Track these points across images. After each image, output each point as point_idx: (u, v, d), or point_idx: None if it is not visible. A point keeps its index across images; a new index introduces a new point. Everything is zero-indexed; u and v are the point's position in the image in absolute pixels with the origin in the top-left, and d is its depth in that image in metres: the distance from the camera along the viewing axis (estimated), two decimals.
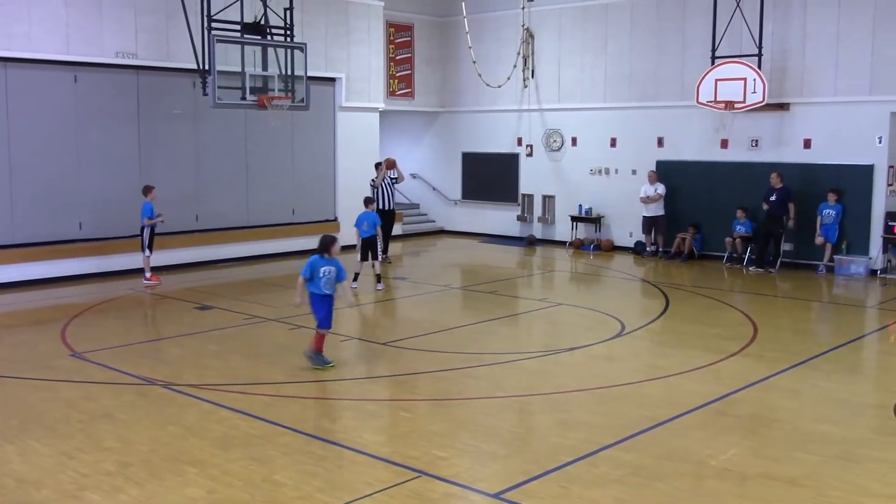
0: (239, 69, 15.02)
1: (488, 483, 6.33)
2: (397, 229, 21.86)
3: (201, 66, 14.93)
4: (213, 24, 14.84)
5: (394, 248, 20.65)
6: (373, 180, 17.80)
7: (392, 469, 6.57)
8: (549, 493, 6.10)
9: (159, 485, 6.26)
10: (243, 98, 15.02)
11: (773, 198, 16.50)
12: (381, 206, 16.90)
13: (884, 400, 8.42)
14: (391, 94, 21.43)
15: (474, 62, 20.74)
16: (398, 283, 15.97)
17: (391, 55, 21.41)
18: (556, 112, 20.58)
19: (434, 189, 23.32)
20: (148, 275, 14.90)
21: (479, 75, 20.89)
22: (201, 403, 8.18)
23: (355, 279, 14.18)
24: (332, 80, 19.19)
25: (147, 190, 14.78)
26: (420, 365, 9.77)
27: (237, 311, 12.51)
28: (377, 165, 18.18)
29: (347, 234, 19.48)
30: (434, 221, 23.28)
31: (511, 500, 5.98)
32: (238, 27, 15.12)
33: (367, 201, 14.93)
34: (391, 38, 21.35)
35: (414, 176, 23.65)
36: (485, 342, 11.04)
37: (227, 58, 14.94)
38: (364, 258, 14.42)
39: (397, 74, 21.71)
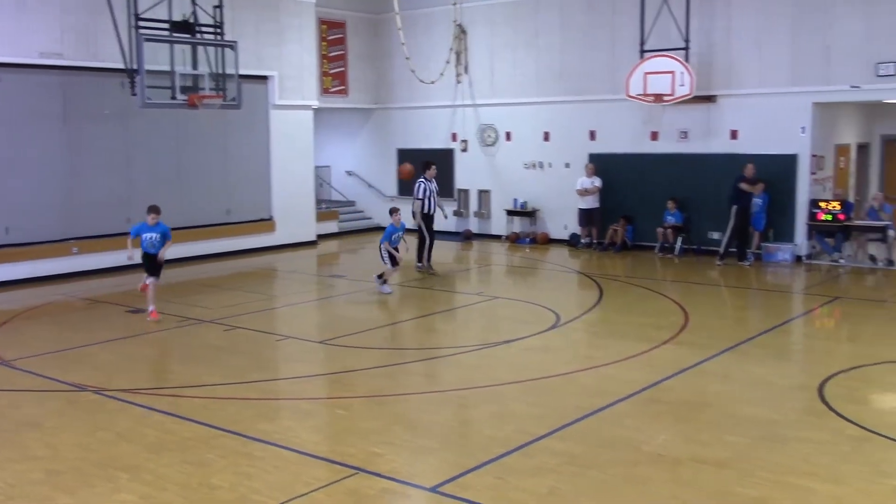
0: (168, 68, 14.77)
1: (425, 477, 6.37)
2: (332, 227, 21.81)
3: (129, 66, 14.65)
4: (141, 23, 14.55)
5: (329, 245, 20.59)
6: (424, 181, 16.15)
7: (329, 467, 6.57)
8: (484, 484, 6.17)
9: (90, 492, 6.16)
10: (173, 98, 14.76)
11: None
12: (426, 210, 16.01)
13: (809, 382, 8.67)
14: (325, 91, 21.31)
15: (407, 58, 20.74)
16: (335, 280, 15.92)
17: (324, 52, 21.28)
18: (490, 107, 20.71)
19: (370, 186, 23.26)
20: (151, 307, 12.14)
21: (413, 72, 20.90)
22: (133, 408, 8.06)
23: (384, 282, 13.94)
24: (265, 78, 19.01)
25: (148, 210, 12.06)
26: (357, 362, 9.76)
27: (171, 313, 12.33)
28: (426, 165, 16.40)
29: (283, 234, 19.44)
30: (371, 218, 23.22)
31: (447, 493, 6.03)
32: (166, 25, 14.88)
33: (392, 211, 14.34)
34: (324, 35, 21.23)
35: (349, 173, 23.59)
36: (422, 338, 11.08)
37: (156, 57, 14.67)
38: (395, 263, 13.99)
39: (331, 72, 21.59)
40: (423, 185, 15.91)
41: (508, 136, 20.54)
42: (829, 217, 16.36)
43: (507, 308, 13.07)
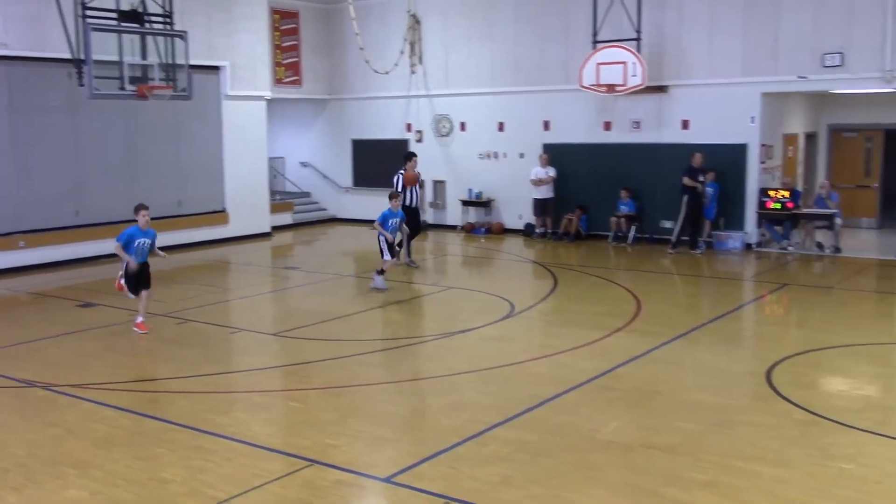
0: (117, 58, 14.52)
1: (379, 468, 6.38)
2: (287, 219, 21.66)
3: (76, 56, 14.38)
4: (88, 12, 14.29)
5: (283, 237, 20.45)
6: (402, 173, 15.72)
7: (283, 459, 6.54)
8: (438, 474, 6.19)
9: (38, 489, 6.07)
10: (122, 88, 14.53)
11: (701, 177, 16.86)
12: (407, 203, 15.47)
13: (758, 368, 8.82)
14: (278, 81, 21.12)
15: (361, 49, 20.63)
16: (290, 272, 15.82)
17: (277, 42, 21.09)
18: (445, 98, 20.70)
19: (325, 177, 23.14)
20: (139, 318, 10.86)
21: (367, 62, 20.80)
22: (83, 403, 7.94)
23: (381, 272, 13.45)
24: (217, 68, 18.78)
25: (136, 210, 10.71)
26: (311, 354, 9.72)
27: (122, 307, 12.15)
28: (408, 156, 16.09)
29: (237, 226, 19.26)
30: (326, 210, 23.12)
31: (401, 483, 6.05)
32: (114, 14, 14.61)
33: (394, 195, 13.82)
34: (276, 25, 21.02)
35: (304, 164, 23.44)
36: (377, 329, 11.07)
37: (105, 46, 14.41)
38: (393, 255, 13.56)
39: (284, 62, 21.41)
40: (401, 178, 15.58)
41: (463, 126, 20.57)
42: (778, 205, 16.65)
43: (462, 298, 13.11)
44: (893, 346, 10.21)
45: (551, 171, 18.65)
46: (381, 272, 13.33)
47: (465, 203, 20.49)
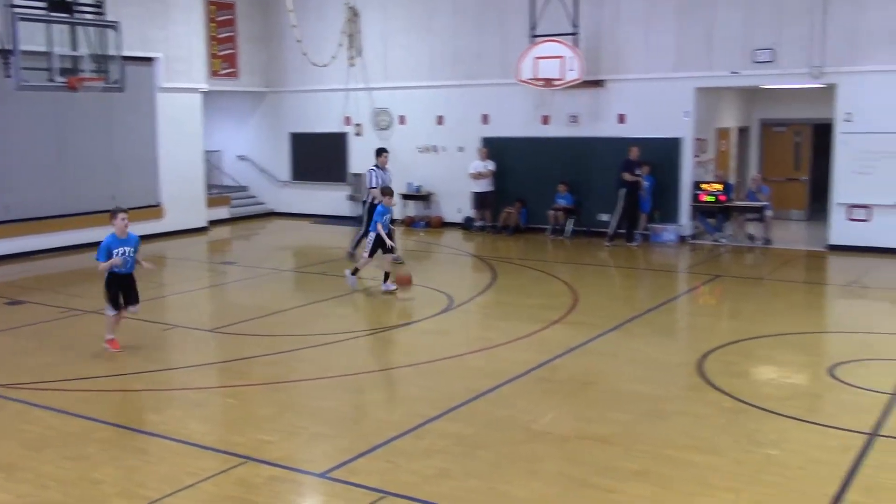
0: (46, 49, 14.16)
1: (315, 463, 6.36)
2: (224, 213, 21.39)
3: (3, 47, 13.99)
4: (15, 1, 13.91)
5: (221, 231, 20.19)
6: (376, 168, 14.97)
7: (217, 457, 6.48)
8: (375, 468, 6.20)
9: None
10: (51, 80, 14.21)
11: (638, 171, 17.03)
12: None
13: (690, 358, 9.00)
14: (214, 74, 20.80)
15: (299, 41, 20.44)
16: (226, 268, 15.63)
17: (213, 34, 20.75)
18: (384, 91, 20.63)
19: (262, 171, 22.89)
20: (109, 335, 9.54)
21: (305, 54, 20.61)
22: (12, 404, 7.75)
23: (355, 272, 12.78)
24: (150, 59, 18.43)
25: (112, 215, 9.31)
26: (248, 350, 9.62)
27: (52, 304, 11.89)
28: (379, 152, 15.33)
29: (172, 221, 18.94)
30: (264, 203, 22.87)
31: (337, 478, 6.04)
32: (43, 4, 14.24)
33: (386, 191, 12.78)
34: (212, 16, 20.68)
35: (241, 158, 23.15)
36: (315, 323, 11.00)
37: (33, 37, 14.05)
38: (372, 255, 12.62)
39: (220, 54, 21.08)
40: (374, 174, 14.94)
41: (402, 119, 20.53)
42: (712, 198, 16.99)
43: (401, 292, 13.09)
44: (820, 335, 10.53)
45: (490, 165, 18.73)
46: (356, 271, 12.80)
47: (405, 197, 20.46)
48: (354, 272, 12.78)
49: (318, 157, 21.88)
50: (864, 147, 15.49)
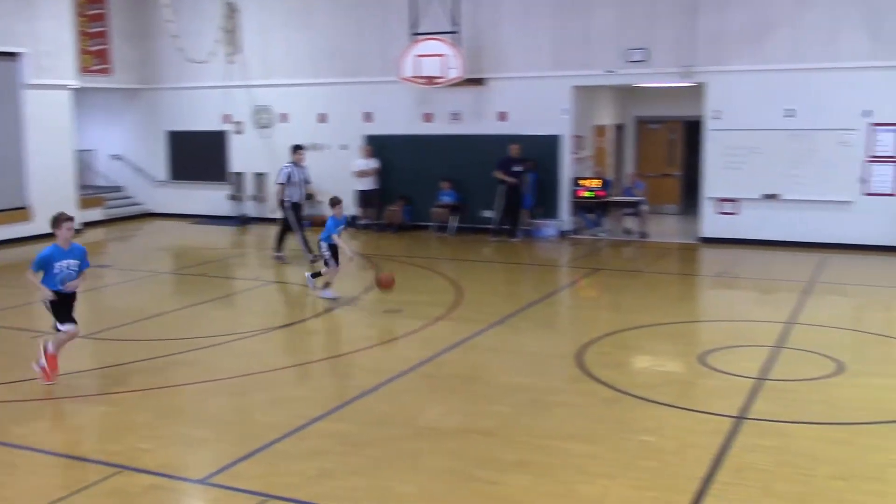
0: None
1: (195, 469, 6.22)
2: (98, 214, 20.62)
3: None
4: None
5: (95, 233, 19.46)
6: (291, 165, 14.89)
7: (91, 468, 6.25)
8: (256, 472, 6.10)
9: None
10: None
11: (517, 168, 17.25)
12: (297, 200, 14.83)
13: (569, 350, 9.21)
14: (85, 70, 20.00)
15: (175, 36, 19.89)
16: (101, 271, 15.07)
17: (83, 28, 19.95)
18: (265, 88, 20.30)
19: (138, 170, 22.17)
20: (43, 360, 8.23)
21: (182, 50, 20.07)
22: None
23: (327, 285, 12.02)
24: (15, 55, 17.57)
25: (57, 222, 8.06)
26: (126, 356, 9.31)
27: None
28: (295, 149, 15.24)
29: (42, 223, 18.07)
30: (140, 204, 22.16)
31: (218, 483, 5.92)
32: None
33: (335, 202, 12.18)
34: (82, 10, 19.88)
35: (116, 157, 22.37)
36: (196, 326, 10.75)
37: None
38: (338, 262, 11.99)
39: (91, 49, 20.29)
40: (287, 171, 14.66)
41: (284, 117, 20.26)
42: (590, 194, 17.45)
43: (284, 292, 12.96)
44: (692, 324, 10.96)
45: (374, 163, 18.70)
46: (319, 278, 12.15)
47: None
48: (315, 275, 12.21)
49: (197, 155, 21.34)
50: (731, 143, 16.21)
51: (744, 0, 15.85)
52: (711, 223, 16.66)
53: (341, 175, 19.11)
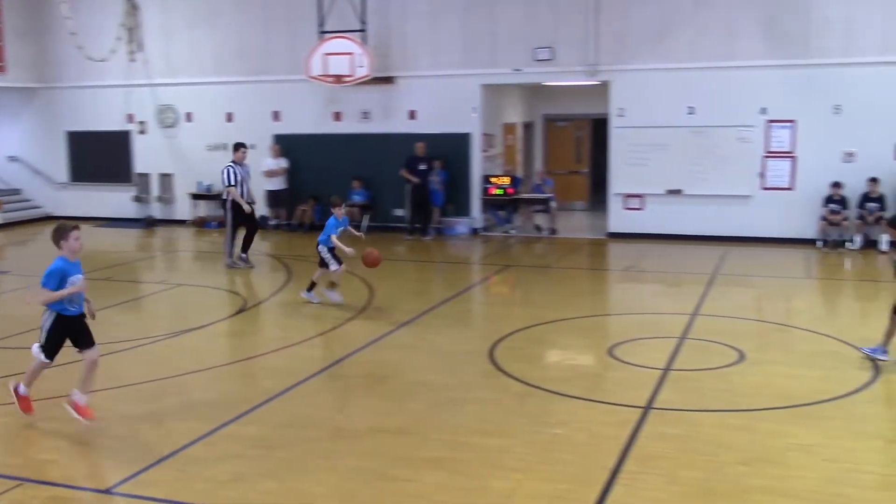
0: None
1: (100, 479, 6.06)
2: None
3: None
4: None
5: None
6: (233, 164, 14.35)
7: None
8: (165, 479, 5.96)
9: None
10: None
11: (423, 167, 17.29)
12: (246, 199, 14.29)
13: (482, 346, 9.28)
14: None
15: (73, 34, 19.27)
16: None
17: None
18: (169, 87, 19.86)
19: (37, 172, 21.40)
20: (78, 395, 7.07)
21: (80, 48, 19.46)
22: None
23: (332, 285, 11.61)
24: None
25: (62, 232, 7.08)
26: (26, 365, 8.95)
27: None
28: (237, 147, 14.67)
29: None
30: (40, 207, 21.41)
31: (124, 493, 5.76)
32: None
33: (336, 202, 11.84)
34: None
35: (13, 159, 21.55)
36: (101, 332, 10.35)
37: None
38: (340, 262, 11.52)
39: None
40: (232, 170, 14.20)
41: (189, 117, 19.85)
42: (500, 191, 17.64)
43: (193, 295, 12.69)
44: (601, 317, 11.20)
45: (283, 162, 18.50)
46: (333, 284, 11.64)
47: (195, 197, 19.82)
48: (311, 287, 11.62)
49: (100, 156, 20.74)
50: (636, 140, 16.60)
51: (645, 1, 16.25)
52: (619, 219, 17.03)
53: (251, 174, 18.81)
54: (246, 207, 14.11)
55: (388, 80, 17.87)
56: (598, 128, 19.76)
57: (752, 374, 8.25)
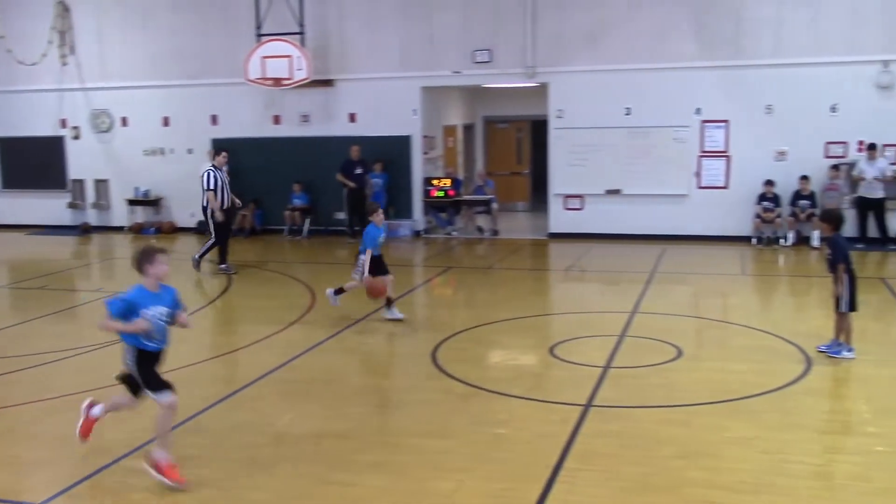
0: None
1: (33, 493, 5.89)
2: None
3: None
4: None
5: None
6: (213, 169, 13.96)
7: None
8: (101, 491, 5.86)
9: None
10: None
11: (359, 170, 17.23)
12: (225, 205, 13.96)
13: (425, 348, 9.26)
14: None
15: (2, 37, 18.79)
16: None
17: None
18: (103, 91, 19.50)
19: None
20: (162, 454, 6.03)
21: (10, 51, 18.98)
22: None
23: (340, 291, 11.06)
24: None
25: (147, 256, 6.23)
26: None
27: None
28: (218, 151, 14.38)
29: None
30: None
31: None
32: None
33: (374, 208, 10.97)
34: None
35: None
36: (32, 343, 10.18)
37: None
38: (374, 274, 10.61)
39: None
40: (212, 174, 13.78)
41: (125, 121, 19.51)
42: (442, 193, 17.68)
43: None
44: (543, 317, 11.30)
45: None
46: (390, 301, 10.81)
47: (132, 202, 19.49)
48: (339, 291, 11.00)
49: (32, 162, 20.25)
50: (575, 141, 16.78)
51: (581, 3, 16.44)
52: (559, 219, 17.20)
53: (188, 179, 18.56)
54: (218, 216, 13.86)
55: (327, 82, 17.79)
56: (538, 129, 19.92)
57: (690, 370, 8.39)
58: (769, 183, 15.84)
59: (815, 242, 15.24)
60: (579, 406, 7.30)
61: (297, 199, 18.02)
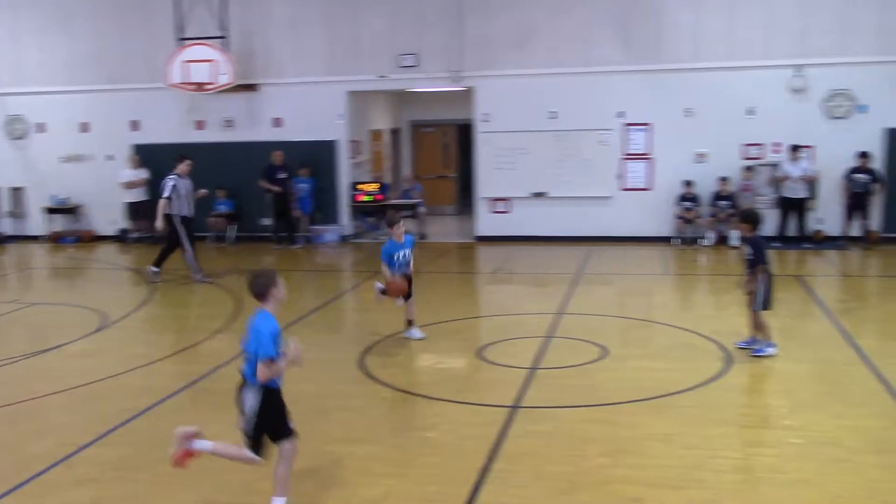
0: None
1: None
2: None
3: None
4: None
5: None
6: (176, 177, 13.55)
7: None
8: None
9: None
10: None
11: (281, 175, 17.04)
12: (186, 213, 13.58)
13: (352, 354, 9.25)
14: None
15: None
16: None
17: None
18: (17, 96, 18.91)
19: None
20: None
21: None
22: None
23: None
24: None
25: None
26: None
27: None
28: (181, 158, 13.86)
29: None
30: None
31: None
32: None
33: (394, 220, 9.97)
34: None
35: None
36: None
37: None
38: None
39: None
40: (172, 183, 13.35)
41: (41, 127, 18.95)
42: (369, 198, 17.63)
43: (48, 314, 12.11)
44: (471, 320, 11.35)
45: (143, 173, 17.90)
46: (410, 323, 10.12)
47: (50, 211, 18.94)
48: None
49: None
50: (501, 145, 16.92)
51: (506, 8, 16.59)
52: (486, 222, 17.31)
53: (108, 187, 18.19)
54: (158, 224, 13.52)
55: (251, 87, 17.59)
56: (465, 133, 20.03)
57: (614, 369, 8.52)
58: (688, 183, 16.20)
59: (735, 242, 15.64)
60: (507, 408, 7.35)
61: (221, 206, 17.76)
